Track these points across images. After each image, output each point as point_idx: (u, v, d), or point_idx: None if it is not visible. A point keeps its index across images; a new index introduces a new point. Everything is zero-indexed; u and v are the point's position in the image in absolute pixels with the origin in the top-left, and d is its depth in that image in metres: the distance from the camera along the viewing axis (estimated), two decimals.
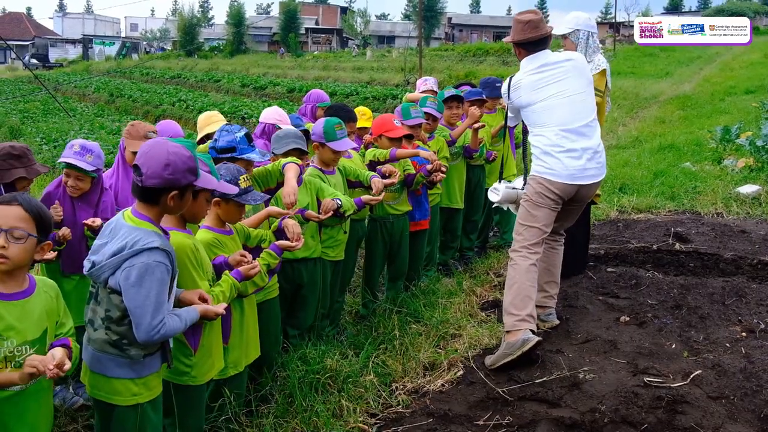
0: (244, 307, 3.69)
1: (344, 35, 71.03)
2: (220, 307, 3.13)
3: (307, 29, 67.66)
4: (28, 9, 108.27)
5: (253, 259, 3.58)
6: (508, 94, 4.78)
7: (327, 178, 4.65)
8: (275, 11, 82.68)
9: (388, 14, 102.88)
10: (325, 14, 77.43)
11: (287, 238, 3.79)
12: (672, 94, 22.57)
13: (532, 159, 4.75)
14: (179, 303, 3.09)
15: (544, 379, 4.19)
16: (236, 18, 62.14)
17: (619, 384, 4.03)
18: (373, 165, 5.20)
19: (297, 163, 4.12)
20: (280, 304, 4.36)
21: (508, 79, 4.86)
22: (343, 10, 79.50)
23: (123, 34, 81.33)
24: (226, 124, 4.28)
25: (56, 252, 3.86)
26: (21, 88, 37.19)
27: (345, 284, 5.46)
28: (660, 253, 6.56)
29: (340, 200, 4.34)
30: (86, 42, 67.79)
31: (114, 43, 69.15)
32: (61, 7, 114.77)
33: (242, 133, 4.03)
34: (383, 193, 4.74)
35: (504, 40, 4.94)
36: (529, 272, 4.57)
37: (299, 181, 4.32)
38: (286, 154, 4.22)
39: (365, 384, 4.18)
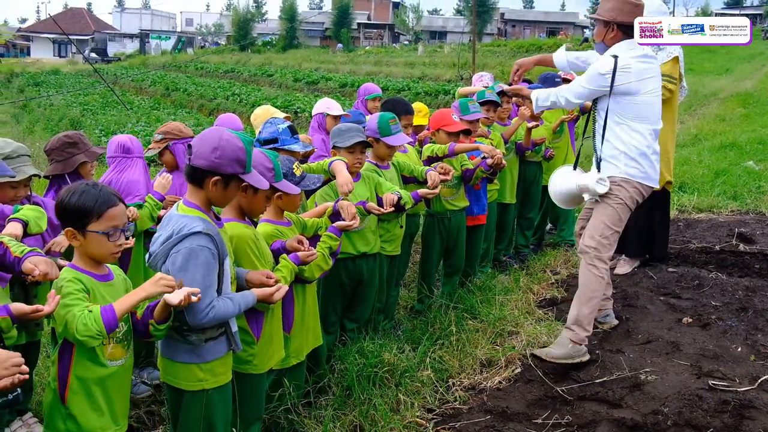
0: (306, 296, 3.73)
1: (396, 30, 71.00)
2: (281, 291, 3.17)
3: (359, 24, 67.84)
4: (89, 4, 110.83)
5: (312, 246, 3.62)
6: (613, 76, 4.23)
7: (382, 173, 4.66)
8: (328, 6, 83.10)
9: (440, 10, 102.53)
10: (377, 9, 77.46)
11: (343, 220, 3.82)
12: (732, 91, 21.93)
13: (613, 157, 4.37)
14: (247, 284, 3.15)
15: (605, 379, 4.13)
16: (289, 13, 62.65)
17: (682, 386, 3.95)
18: (431, 160, 5.18)
19: (342, 160, 4.14)
20: (339, 299, 4.42)
21: (610, 58, 4.27)
22: (396, 5, 79.39)
23: (178, 29, 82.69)
24: (272, 117, 4.36)
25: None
26: (81, 81, 38.03)
27: (399, 278, 5.46)
28: (723, 253, 6.39)
29: (400, 193, 4.35)
30: (143, 36, 69.17)
31: (170, 38, 70.37)
32: (120, 2, 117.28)
33: (285, 125, 4.13)
34: (439, 187, 4.72)
35: (599, 15, 4.35)
36: (608, 287, 4.68)
37: (358, 176, 4.34)
38: (350, 148, 4.23)
39: (422, 379, 4.18)
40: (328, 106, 5.60)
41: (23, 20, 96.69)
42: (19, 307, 2.56)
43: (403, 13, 72.16)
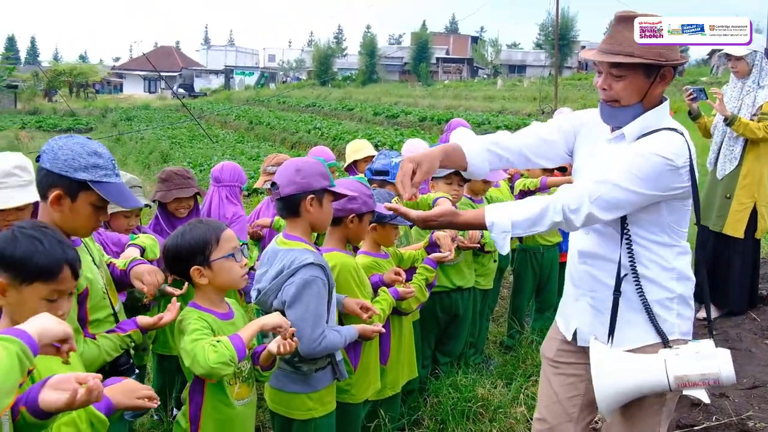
0: (403, 328, 3.74)
1: (475, 64, 71.20)
2: (378, 326, 3.22)
3: (437, 59, 68.40)
4: (177, 42, 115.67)
5: (408, 279, 3.64)
6: (691, 169, 2.45)
7: (477, 207, 4.66)
8: (407, 41, 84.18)
9: (519, 43, 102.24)
10: (455, 44, 78.01)
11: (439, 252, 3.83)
12: None
13: (662, 304, 2.56)
14: (343, 309, 3.22)
15: (709, 424, 3.96)
16: (369, 48, 63.84)
17: None
18: (523, 194, 5.15)
19: (447, 197, 4.16)
20: (433, 332, 4.41)
21: (677, 136, 2.48)
22: (474, 39, 79.82)
23: (261, 65, 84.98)
24: (385, 149, 4.43)
25: None
26: (169, 115, 39.43)
27: (489, 312, 5.41)
28: None
29: (481, 233, 4.33)
30: (228, 72, 71.51)
31: (253, 73, 72.44)
32: (206, 40, 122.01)
33: (398, 159, 4.17)
34: None
35: (633, 55, 2.42)
36: None
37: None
38: (447, 178, 4.25)
39: (516, 416, 4.11)
40: (411, 150, 5.60)
41: (117, 59, 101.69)
42: (144, 319, 2.68)
43: (482, 47, 72.32)
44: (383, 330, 3.28)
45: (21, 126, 32.16)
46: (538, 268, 5.34)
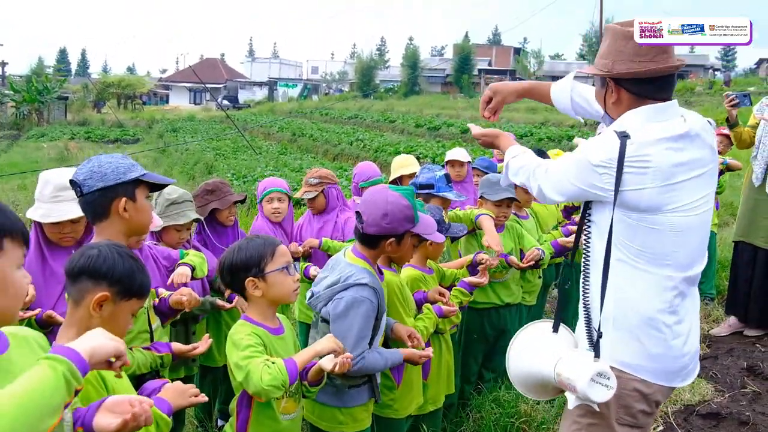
0: (442, 344, 3.77)
1: (517, 76, 70.85)
2: (428, 351, 3.24)
3: (480, 70, 68.19)
4: (222, 55, 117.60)
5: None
6: (617, 174, 2.31)
7: (522, 223, 4.67)
8: (449, 53, 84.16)
9: (562, 54, 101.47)
10: (498, 55, 77.73)
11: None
12: None
13: (605, 322, 2.42)
14: (391, 333, 3.26)
15: None
16: (411, 60, 63.91)
17: None
18: (568, 210, 5.15)
19: (489, 215, 4.20)
20: (480, 349, 4.43)
21: (614, 136, 2.34)
22: (517, 50, 79.51)
23: (304, 77, 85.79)
24: (428, 163, 4.49)
25: None
26: (214, 127, 39.93)
27: None
28: None
29: (543, 252, 4.35)
30: (271, 84, 72.32)
31: (296, 85, 73.13)
32: (251, 52, 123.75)
33: (442, 173, 4.23)
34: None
35: (588, 70, 2.62)
36: None
37: (502, 228, 4.37)
38: (499, 202, 4.28)
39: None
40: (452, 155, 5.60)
41: (163, 71, 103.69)
42: (178, 346, 2.92)
43: (525, 58, 71.95)
44: (431, 355, 3.28)
45: (71, 137, 32.94)
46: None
